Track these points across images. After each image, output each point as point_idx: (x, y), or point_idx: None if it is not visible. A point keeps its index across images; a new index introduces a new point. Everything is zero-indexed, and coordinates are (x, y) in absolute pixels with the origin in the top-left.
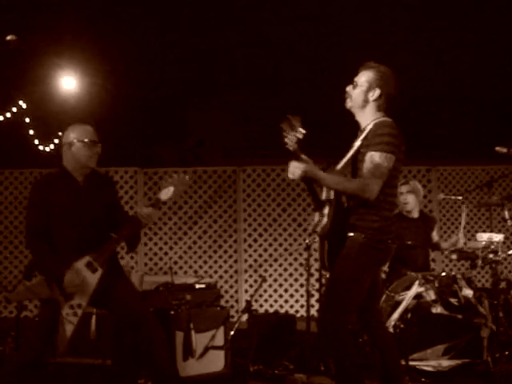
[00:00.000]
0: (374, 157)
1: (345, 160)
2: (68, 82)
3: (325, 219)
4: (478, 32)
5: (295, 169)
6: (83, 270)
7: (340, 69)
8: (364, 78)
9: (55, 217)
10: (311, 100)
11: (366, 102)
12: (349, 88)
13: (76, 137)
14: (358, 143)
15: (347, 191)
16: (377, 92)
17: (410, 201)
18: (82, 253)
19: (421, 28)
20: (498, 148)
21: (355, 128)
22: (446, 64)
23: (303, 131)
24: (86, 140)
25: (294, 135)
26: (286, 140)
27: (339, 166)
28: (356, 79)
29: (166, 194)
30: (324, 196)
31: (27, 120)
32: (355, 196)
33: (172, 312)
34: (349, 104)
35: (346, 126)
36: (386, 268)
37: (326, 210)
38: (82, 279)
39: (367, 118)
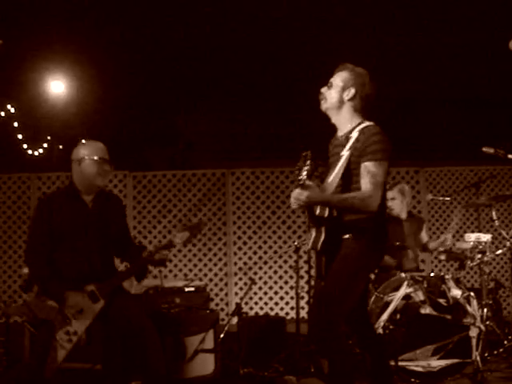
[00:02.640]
0: (369, 167)
1: (336, 171)
2: (56, 86)
3: (322, 235)
4: (464, 35)
5: (299, 196)
6: (84, 297)
7: (327, 72)
8: (339, 78)
9: (60, 240)
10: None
11: (341, 102)
12: (324, 89)
13: (86, 154)
14: (346, 152)
15: (353, 208)
16: (351, 91)
17: (394, 207)
18: (87, 278)
19: (408, 31)
20: (485, 148)
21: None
22: (433, 66)
23: (311, 164)
24: (95, 158)
25: (305, 169)
26: (299, 176)
27: (331, 178)
28: (331, 80)
29: (181, 238)
30: (318, 211)
31: (15, 124)
32: (359, 211)
33: (161, 315)
34: (324, 106)
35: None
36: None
37: (322, 226)
38: (83, 307)
39: (345, 120)
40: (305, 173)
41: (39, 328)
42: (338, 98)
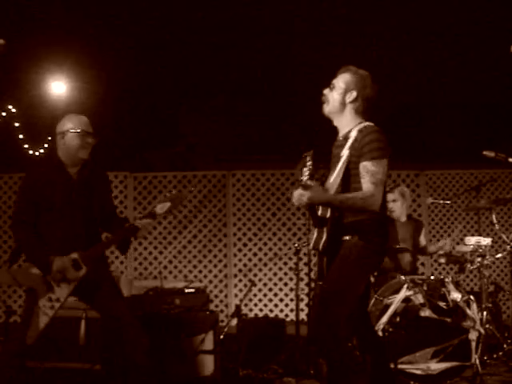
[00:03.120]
0: (368, 167)
1: (336, 172)
2: (58, 87)
3: (324, 235)
4: (465, 38)
5: (301, 196)
6: (68, 265)
7: (329, 74)
8: (341, 80)
9: (45, 210)
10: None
11: (343, 104)
12: (326, 90)
13: (70, 127)
14: (346, 152)
15: (355, 206)
16: (353, 94)
17: (395, 209)
18: (70, 248)
19: (410, 35)
20: (485, 152)
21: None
22: (434, 69)
23: (312, 165)
24: (79, 130)
25: (307, 170)
26: (301, 177)
27: (332, 179)
28: (334, 81)
29: (162, 208)
30: (320, 212)
31: (17, 124)
32: (362, 210)
33: (161, 316)
34: (326, 109)
35: (331, 128)
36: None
37: (324, 226)
38: (65, 274)
39: (347, 122)
40: (306, 173)
41: (27, 295)
42: (339, 100)
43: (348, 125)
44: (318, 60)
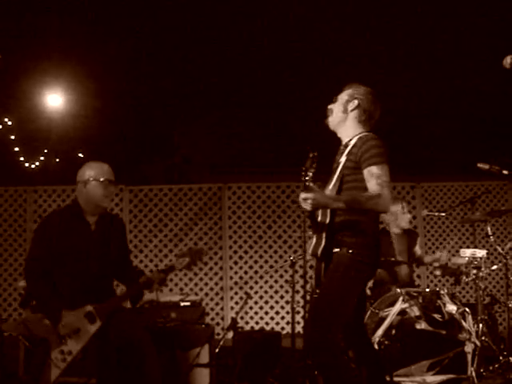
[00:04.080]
0: (372, 171)
1: (335, 178)
2: (54, 100)
3: (322, 241)
4: (461, 53)
5: (307, 200)
6: (82, 318)
7: (326, 88)
8: (344, 93)
9: (60, 259)
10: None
11: (345, 112)
12: (330, 106)
13: (92, 175)
14: (343, 159)
15: (362, 206)
16: (355, 102)
17: (405, 220)
18: (85, 299)
19: (407, 48)
20: (480, 165)
21: (339, 143)
22: (430, 83)
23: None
24: (102, 179)
25: (311, 171)
26: (306, 177)
27: (331, 185)
28: (338, 97)
29: (181, 263)
30: (319, 218)
31: (12, 137)
32: (370, 210)
33: (157, 330)
34: (330, 120)
35: (332, 142)
36: (370, 284)
37: (323, 232)
38: (79, 327)
39: (349, 131)
40: (310, 174)
41: (37, 346)
42: (342, 109)
43: (350, 134)
44: (315, 74)
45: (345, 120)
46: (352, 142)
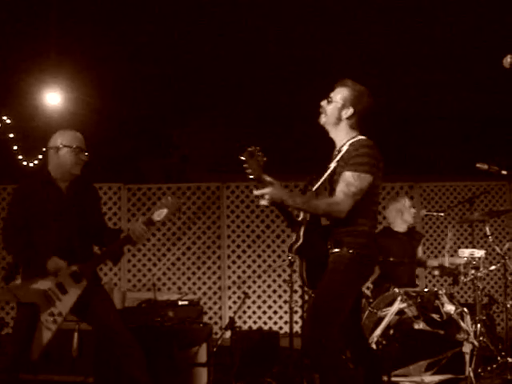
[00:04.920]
0: (346, 176)
1: (321, 181)
2: (52, 98)
3: (300, 239)
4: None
5: (261, 195)
6: (68, 278)
7: (324, 86)
8: (339, 95)
9: (36, 225)
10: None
11: (339, 119)
12: (324, 103)
13: (63, 142)
14: (333, 164)
15: (318, 211)
16: (350, 110)
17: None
18: (66, 260)
19: (405, 48)
20: (478, 165)
21: (333, 143)
22: (428, 82)
23: (264, 157)
24: (73, 146)
25: (256, 160)
26: (247, 170)
27: (315, 188)
28: (332, 95)
29: (159, 215)
30: (301, 216)
31: (11, 135)
32: (326, 215)
33: (155, 329)
34: (323, 120)
35: (326, 140)
36: (369, 284)
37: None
38: (66, 290)
39: (342, 136)
40: (256, 164)
41: (19, 311)
42: (336, 115)
43: (342, 139)
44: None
45: (337, 125)
46: (344, 148)
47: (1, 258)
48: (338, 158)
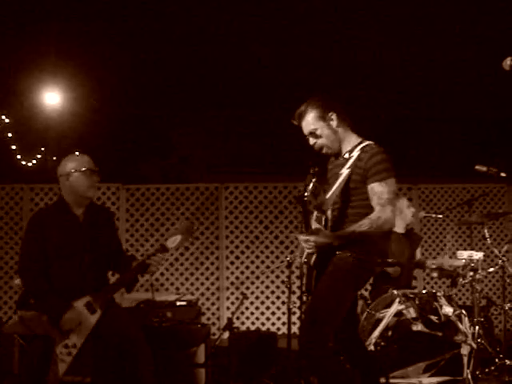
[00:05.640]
0: (375, 189)
1: (334, 189)
2: (51, 98)
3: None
4: (460, 55)
5: (309, 242)
6: (82, 309)
7: (323, 84)
8: (311, 120)
9: (53, 254)
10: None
11: (335, 132)
12: (311, 141)
13: (73, 167)
14: (345, 171)
15: (368, 234)
16: (332, 117)
17: (413, 210)
18: (81, 291)
19: (404, 50)
20: (477, 167)
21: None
22: (427, 85)
23: (314, 184)
24: (83, 169)
25: (310, 188)
26: (304, 193)
27: (329, 195)
28: (307, 130)
29: (173, 242)
30: (313, 226)
31: (10, 135)
32: (377, 233)
33: (152, 329)
34: (329, 151)
35: None
36: (367, 285)
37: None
38: (81, 319)
39: (345, 142)
40: (309, 190)
41: (31, 343)
42: (330, 134)
43: (347, 144)
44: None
45: (337, 136)
46: (355, 154)
47: None
48: (349, 164)
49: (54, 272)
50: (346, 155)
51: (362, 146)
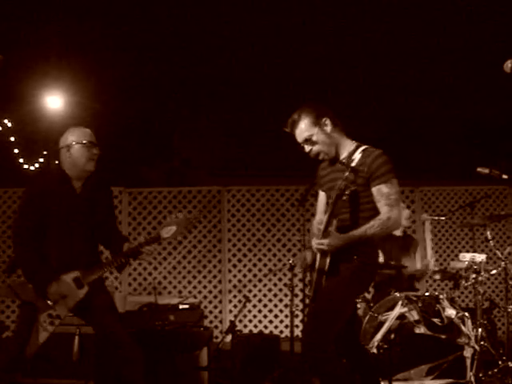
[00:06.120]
0: (381, 190)
1: (339, 193)
2: (53, 101)
3: (328, 256)
4: (462, 57)
5: (322, 245)
6: (70, 283)
7: (324, 90)
8: (305, 127)
9: (48, 225)
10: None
11: (329, 137)
12: (307, 148)
13: (74, 139)
14: (349, 175)
15: (376, 235)
16: (325, 121)
17: (408, 212)
18: (71, 264)
19: (405, 52)
20: (479, 169)
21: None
22: (429, 87)
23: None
24: (84, 141)
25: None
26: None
27: (331, 200)
28: (301, 138)
29: (168, 232)
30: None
31: (12, 138)
32: (386, 234)
33: (155, 333)
34: (325, 157)
35: None
36: (370, 288)
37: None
38: (67, 292)
39: (341, 146)
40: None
41: (21, 308)
42: (326, 139)
43: (342, 148)
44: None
45: (333, 141)
46: (355, 158)
47: (1, 251)
48: (351, 168)
49: (47, 242)
50: (345, 160)
51: (360, 149)
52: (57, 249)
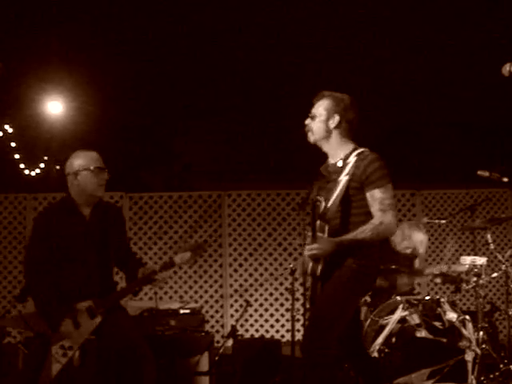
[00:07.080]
0: (375, 195)
1: (334, 197)
2: (54, 107)
3: (321, 261)
4: (461, 60)
5: (312, 250)
6: (83, 313)
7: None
8: (321, 107)
9: (58, 255)
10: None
11: (328, 131)
12: (308, 121)
13: (81, 165)
14: (344, 178)
15: (368, 240)
16: (336, 119)
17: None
18: (85, 293)
19: (405, 56)
20: (480, 172)
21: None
22: (429, 90)
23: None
24: (92, 168)
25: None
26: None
27: (330, 203)
28: (313, 111)
29: (182, 258)
30: (318, 234)
31: (13, 144)
32: (379, 239)
33: (156, 338)
34: (311, 138)
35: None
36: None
37: None
38: (80, 322)
39: (336, 147)
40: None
41: (34, 341)
42: (324, 127)
43: (338, 150)
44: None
45: (328, 137)
46: (351, 161)
47: (1, 257)
48: (346, 171)
49: (59, 273)
50: (340, 162)
51: (356, 152)
52: (69, 278)
